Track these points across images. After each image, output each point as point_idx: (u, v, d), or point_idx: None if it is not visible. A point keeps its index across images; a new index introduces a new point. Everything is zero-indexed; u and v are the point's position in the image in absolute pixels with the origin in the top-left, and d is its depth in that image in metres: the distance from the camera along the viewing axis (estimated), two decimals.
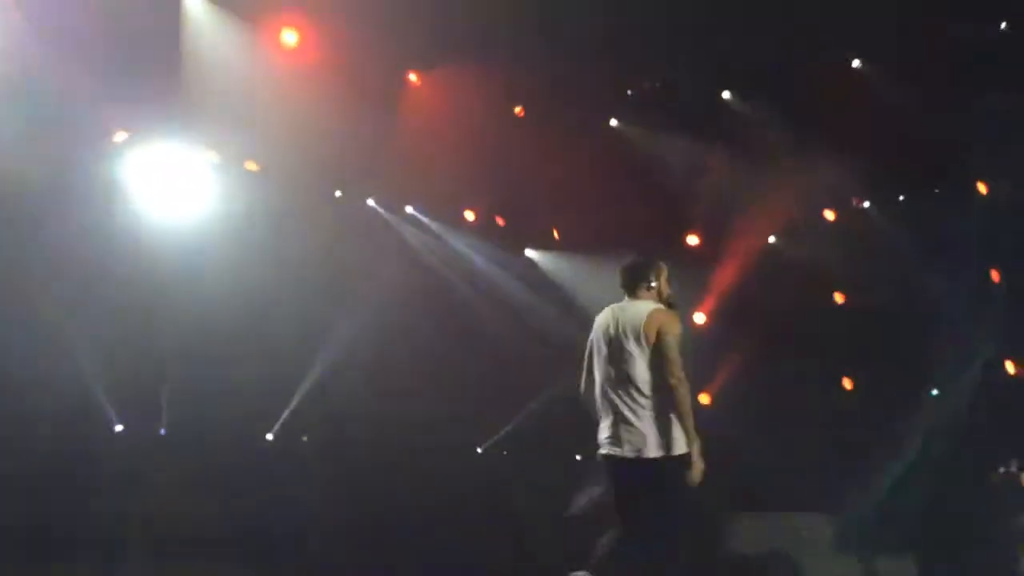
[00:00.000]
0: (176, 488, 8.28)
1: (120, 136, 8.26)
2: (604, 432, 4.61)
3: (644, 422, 4.49)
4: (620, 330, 4.57)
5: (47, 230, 7.80)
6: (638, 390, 4.52)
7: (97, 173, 8.13)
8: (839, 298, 11.04)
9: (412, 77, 9.57)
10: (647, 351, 4.51)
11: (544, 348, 10.08)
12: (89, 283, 7.99)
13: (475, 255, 10.55)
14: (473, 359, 9.86)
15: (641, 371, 4.51)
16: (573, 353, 9.80)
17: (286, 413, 9.35)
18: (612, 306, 4.74)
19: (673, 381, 4.46)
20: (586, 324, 4.96)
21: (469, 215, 10.57)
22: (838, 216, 10.75)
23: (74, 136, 7.76)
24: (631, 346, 4.53)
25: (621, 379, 4.55)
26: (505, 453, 10.37)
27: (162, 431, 8.86)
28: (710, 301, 10.71)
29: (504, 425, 10.31)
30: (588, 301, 10.67)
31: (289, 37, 8.44)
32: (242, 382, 8.81)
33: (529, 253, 11.10)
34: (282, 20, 8.41)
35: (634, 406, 4.51)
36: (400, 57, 9.09)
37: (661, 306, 4.66)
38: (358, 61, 8.55)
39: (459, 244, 10.50)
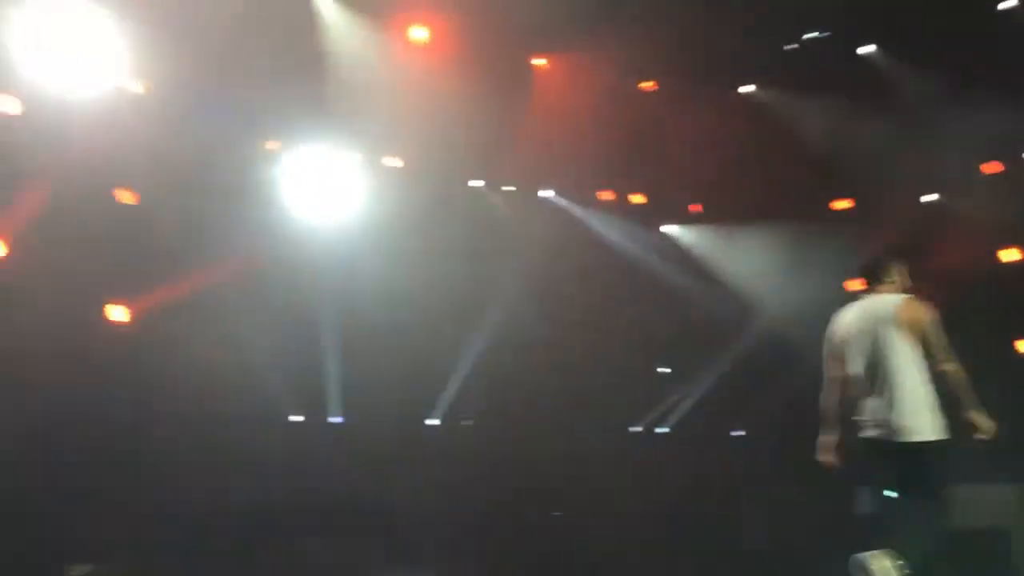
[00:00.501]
0: (351, 471, 8.65)
1: (273, 144, 8.69)
2: (870, 417, 4.86)
3: (912, 407, 4.76)
4: (876, 323, 4.87)
5: (215, 234, 8.25)
6: (904, 377, 4.78)
7: (255, 180, 8.56)
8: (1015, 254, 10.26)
9: (540, 61, 9.60)
10: (909, 339, 4.80)
11: (692, 325, 9.98)
12: (257, 283, 8.42)
13: (615, 234, 10.49)
14: (620, 340, 9.86)
15: (905, 359, 4.78)
16: (722, 328, 9.89)
17: (447, 397, 9.59)
18: (856, 303, 5.02)
19: (946, 365, 4.78)
20: (734, 298, 4.95)
21: (606, 195, 10.51)
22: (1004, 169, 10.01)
23: (231, 146, 8.22)
24: (890, 336, 4.81)
25: (884, 368, 4.82)
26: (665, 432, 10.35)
27: (336, 419, 9.31)
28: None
29: (663, 404, 10.29)
30: (735, 273, 10.51)
31: (418, 33, 8.64)
32: (402, 370, 9.13)
33: (668, 229, 10.95)
34: (410, 16, 8.63)
35: (901, 393, 4.77)
36: (527, 42, 9.14)
37: (909, 296, 4.95)
38: (486, 49, 8.68)
39: (599, 224, 10.46)
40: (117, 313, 7.95)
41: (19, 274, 7.16)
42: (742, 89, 10.04)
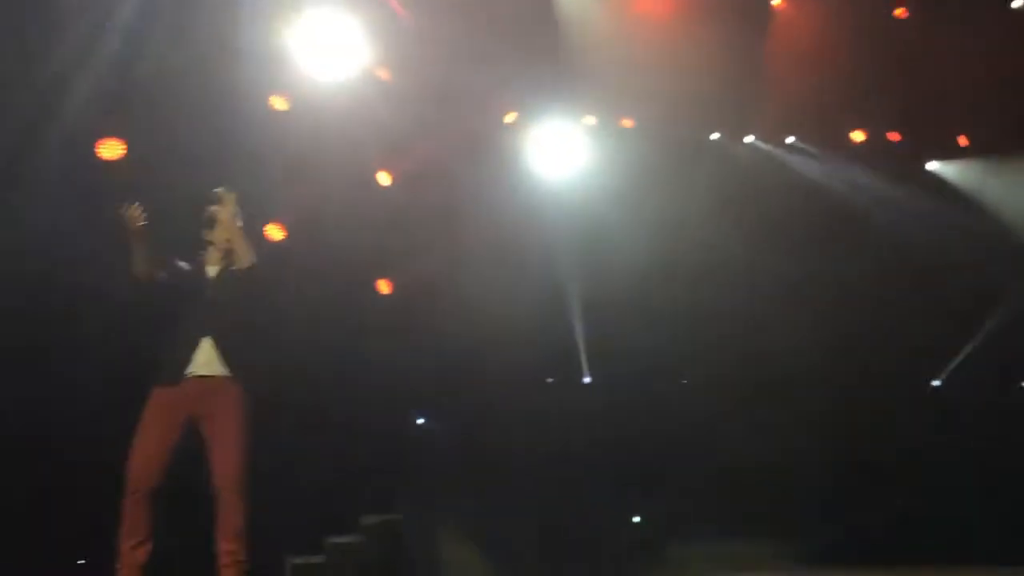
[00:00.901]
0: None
1: (511, 116, 8.93)
2: None
3: None
4: None
5: (467, 207, 8.61)
6: None
7: (497, 153, 8.85)
8: None
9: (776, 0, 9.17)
10: None
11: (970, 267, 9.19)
12: (508, 254, 8.72)
13: (871, 177, 9.82)
14: (897, 288, 9.27)
15: None
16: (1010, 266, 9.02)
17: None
18: None
19: None
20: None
21: (858, 135, 9.86)
22: None
23: (473, 121, 8.55)
24: None
25: None
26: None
27: (585, 379, 9.49)
28: None
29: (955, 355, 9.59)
30: (1008, 208, 9.54)
31: None
32: (657, 335, 9.09)
33: (933, 166, 10.09)
34: None
35: None
36: None
37: None
38: None
39: (851, 169, 9.84)
40: (385, 286, 8.53)
41: (297, 255, 7.84)
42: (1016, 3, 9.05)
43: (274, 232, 7.88)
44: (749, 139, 9.82)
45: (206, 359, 4.78)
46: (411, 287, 8.58)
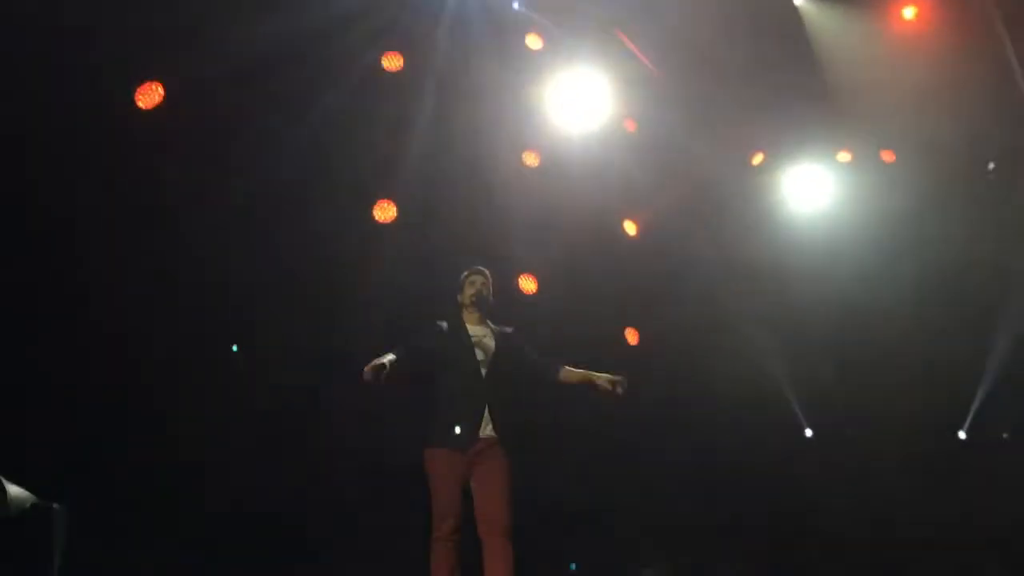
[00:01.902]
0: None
1: (758, 158, 8.70)
2: None
3: None
4: None
5: (713, 253, 8.46)
6: None
7: (740, 193, 8.63)
8: None
9: None
10: None
11: None
12: (759, 294, 8.45)
13: None
14: None
15: None
16: None
17: (975, 406, 8.68)
18: None
19: None
20: None
21: None
22: None
23: (719, 166, 8.40)
24: None
25: None
26: None
27: (848, 432, 8.90)
28: None
29: None
30: None
31: (907, 12, 8.08)
32: (912, 376, 8.46)
33: None
34: None
35: None
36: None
37: None
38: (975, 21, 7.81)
39: None
40: (632, 336, 8.50)
41: (550, 303, 8.01)
42: None
43: (527, 284, 8.10)
44: None
45: (483, 423, 5.05)
46: (658, 336, 8.49)
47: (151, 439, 6.30)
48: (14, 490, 2.91)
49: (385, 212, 7.37)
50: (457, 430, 4.93)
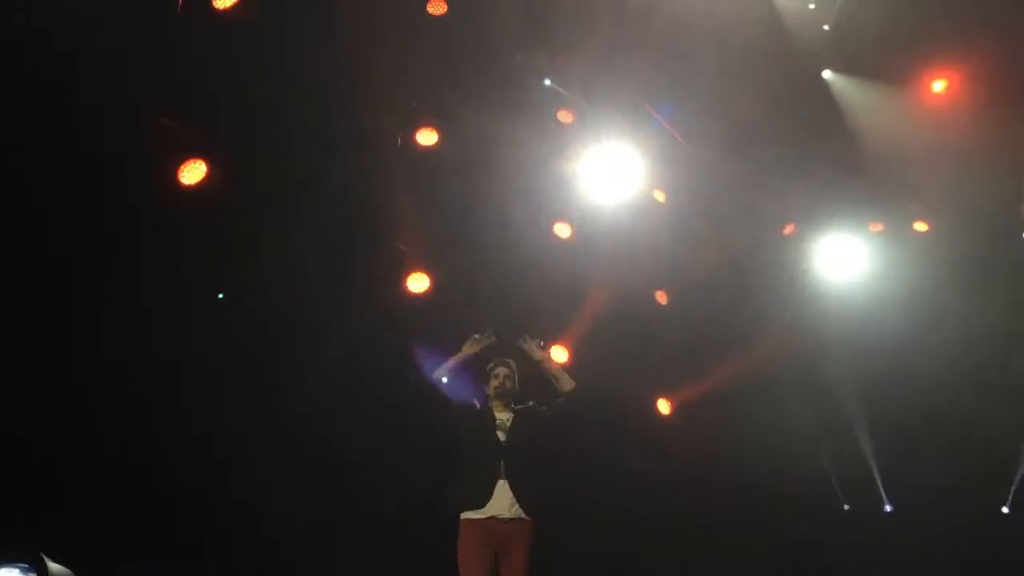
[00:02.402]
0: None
1: (790, 229, 8.72)
2: None
3: None
4: None
5: (744, 324, 8.45)
6: None
7: (772, 263, 8.65)
8: None
9: None
10: None
11: None
12: (788, 365, 8.42)
13: None
14: None
15: None
16: None
17: (1016, 479, 8.49)
18: None
19: None
20: None
21: None
22: None
23: (750, 237, 8.44)
24: None
25: None
26: None
27: (887, 508, 8.77)
28: None
29: None
30: None
31: (938, 85, 8.15)
32: (952, 448, 8.31)
33: None
34: (927, 70, 8.17)
35: None
36: None
37: None
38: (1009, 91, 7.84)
39: None
40: (664, 406, 8.48)
41: (581, 371, 8.02)
42: None
43: (558, 353, 8.15)
44: None
45: (508, 502, 5.25)
46: (690, 406, 8.47)
47: None
48: (55, 568, 2.98)
49: (419, 283, 7.50)
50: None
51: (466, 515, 5.25)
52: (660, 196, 8.33)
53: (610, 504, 7.76)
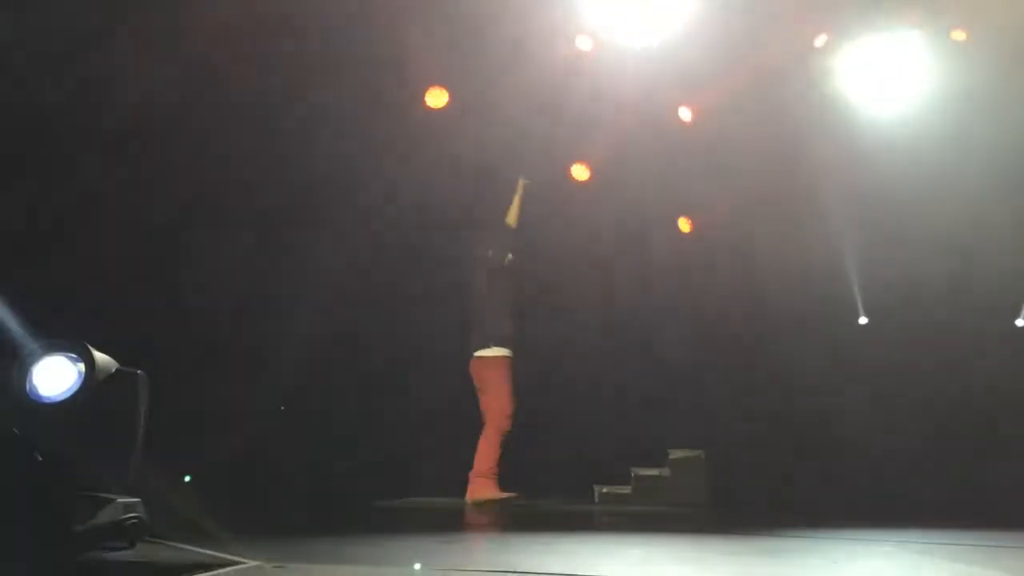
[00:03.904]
0: None
1: (821, 40, 8.35)
2: None
3: None
4: None
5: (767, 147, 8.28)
6: None
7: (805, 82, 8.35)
8: None
9: None
10: None
11: None
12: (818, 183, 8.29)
13: None
14: None
15: None
16: None
17: None
18: None
19: None
20: None
21: None
22: None
23: (779, 48, 8.08)
24: None
25: None
26: None
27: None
28: None
29: None
30: None
31: None
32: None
33: None
34: None
35: None
36: None
37: None
38: None
39: None
40: (683, 224, 8.50)
41: (601, 191, 8.01)
42: None
43: (579, 173, 8.11)
44: None
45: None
46: (711, 226, 8.46)
47: None
48: (100, 357, 3.10)
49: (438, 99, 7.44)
50: None
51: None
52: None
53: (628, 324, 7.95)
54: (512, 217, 7.13)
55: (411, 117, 7.45)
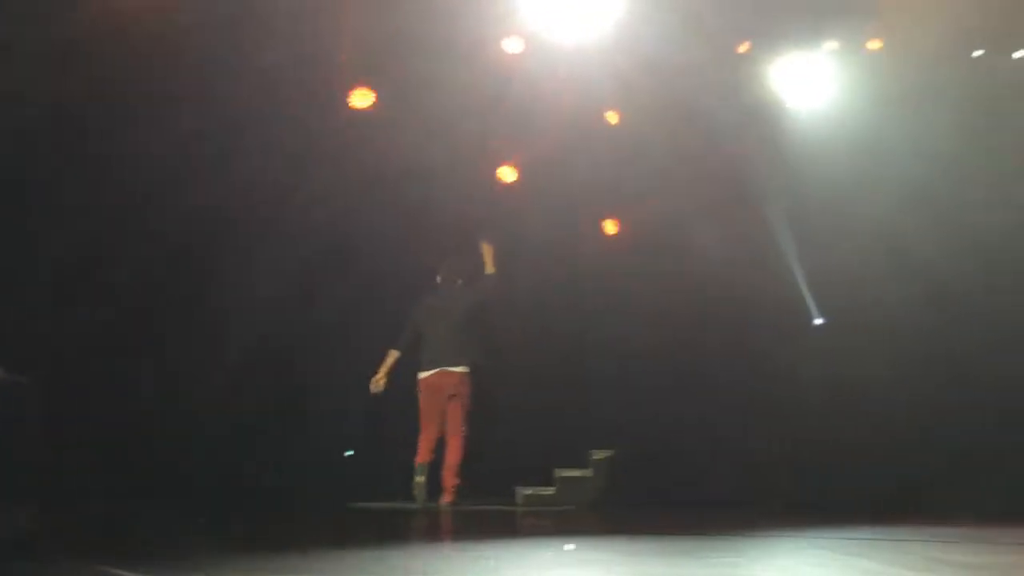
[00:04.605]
0: None
1: (744, 47, 8.51)
2: None
3: None
4: None
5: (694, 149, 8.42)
6: None
7: (730, 87, 8.50)
8: None
9: None
10: None
11: None
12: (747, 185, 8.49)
13: None
14: None
15: None
16: None
17: None
18: None
19: None
20: None
21: None
22: None
23: (704, 53, 8.20)
24: None
25: None
26: None
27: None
28: None
29: None
30: None
31: None
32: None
33: None
34: None
35: None
36: None
37: None
38: None
39: None
40: (610, 227, 8.59)
41: (529, 194, 8.05)
42: None
43: (506, 175, 8.14)
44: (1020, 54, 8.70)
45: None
46: (639, 228, 8.56)
47: None
48: None
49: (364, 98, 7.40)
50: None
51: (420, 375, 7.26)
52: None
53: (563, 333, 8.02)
54: (490, 267, 7.47)
55: (338, 117, 7.38)
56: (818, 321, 8.97)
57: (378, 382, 7.19)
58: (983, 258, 8.13)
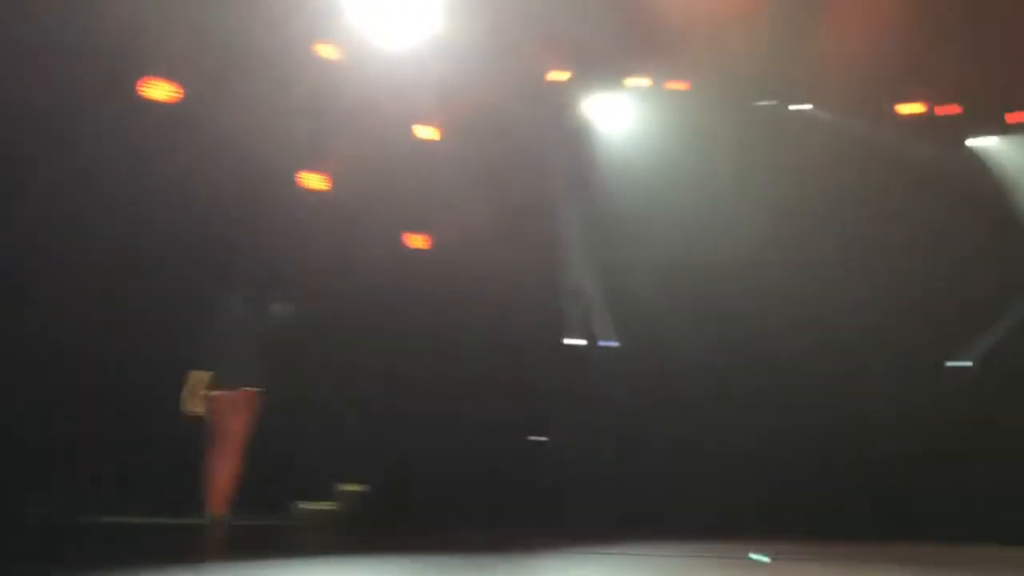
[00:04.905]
0: None
1: (562, 75, 8.74)
2: None
3: None
4: None
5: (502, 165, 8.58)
6: None
7: (546, 111, 8.73)
8: None
9: None
10: None
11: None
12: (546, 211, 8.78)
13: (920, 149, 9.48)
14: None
15: None
16: None
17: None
18: None
19: None
20: None
21: (909, 107, 9.52)
22: None
23: (522, 78, 8.37)
24: None
25: None
26: None
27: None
28: None
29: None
30: None
31: None
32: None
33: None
34: None
35: None
36: None
37: None
38: None
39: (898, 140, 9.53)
40: (417, 241, 8.61)
41: (337, 203, 7.91)
42: None
43: (314, 182, 7.94)
44: (800, 107, 9.56)
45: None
46: (448, 243, 8.63)
47: None
48: None
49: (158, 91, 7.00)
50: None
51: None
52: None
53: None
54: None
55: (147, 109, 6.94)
56: (605, 344, 9.46)
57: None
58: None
